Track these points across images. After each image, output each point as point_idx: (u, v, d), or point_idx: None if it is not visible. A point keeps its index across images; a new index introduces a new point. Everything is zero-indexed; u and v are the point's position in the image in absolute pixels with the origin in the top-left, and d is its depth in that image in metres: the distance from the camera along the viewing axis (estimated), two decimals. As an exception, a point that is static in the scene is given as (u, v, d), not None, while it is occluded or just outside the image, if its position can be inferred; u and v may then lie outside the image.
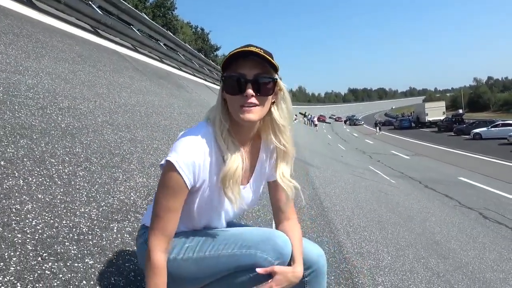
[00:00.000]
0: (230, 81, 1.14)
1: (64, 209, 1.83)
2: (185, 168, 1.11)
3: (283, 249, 1.17)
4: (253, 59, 1.11)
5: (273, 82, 1.16)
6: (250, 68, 1.12)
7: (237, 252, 1.16)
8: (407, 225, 5.72)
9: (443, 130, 41.00)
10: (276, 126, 1.24)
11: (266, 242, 1.16)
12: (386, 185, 10.03)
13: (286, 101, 1.24)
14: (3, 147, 2.12)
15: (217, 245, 1.20)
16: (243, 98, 1.12)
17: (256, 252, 1.15)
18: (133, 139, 3.61)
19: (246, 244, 1.17)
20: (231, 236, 1.22)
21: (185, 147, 1.13)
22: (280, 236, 1.20)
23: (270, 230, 1.23)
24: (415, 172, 13.91)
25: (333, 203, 5.69)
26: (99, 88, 4.77)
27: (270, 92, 1.16)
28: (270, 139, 1.27)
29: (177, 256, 1.22)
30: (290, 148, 1.28)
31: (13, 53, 3.88)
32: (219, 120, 1.18)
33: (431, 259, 4.32)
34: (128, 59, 8.57)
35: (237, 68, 1.13)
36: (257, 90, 1.13)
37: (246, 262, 1.15)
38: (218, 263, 1.19)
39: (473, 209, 8.39)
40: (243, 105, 1.12)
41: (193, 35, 38.30)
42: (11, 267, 1.31)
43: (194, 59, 17.54)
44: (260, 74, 1.13)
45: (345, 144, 28.16)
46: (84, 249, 1.61)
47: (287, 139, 1.26)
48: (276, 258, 1.16)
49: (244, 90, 1.12)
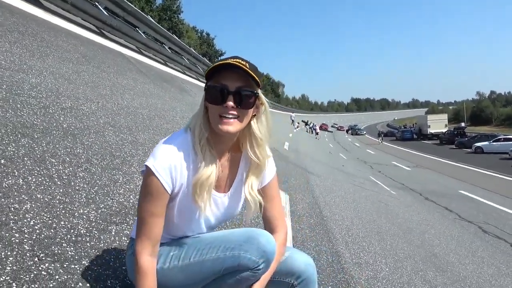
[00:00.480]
0: (212, 91, 1.16)
1: (62, 210, 1.82)
2: (162, 172, 1.14)
3: (266, 247, 1.17)
4: (237, 72, 1.14)
5: (254, 96, 1.19)
6: (233, 80, 1.15)
7: (221, 255, 1.17)
8: (406, 237, 5.69)
9: (444, 142, 41.00)
10: (254, 139, 1.26)
11: (249, 242, 1.17)
12: (387, 196, 9.99)
13: (267, 115, 1.28)
14: (4, 145, 2.12)
15: (201, 250, 1.21)
16: (224, 108, 1.14)
17: (240, 253, 1.15)
18: (134, 141, 3.61)
19: (229, 246, 1.18)
20: (215, 240, 1.23)
21: (162, 152, 1.16)
22: (264, 235, 1.20)
23: (253, 230, 1.23)
24: (415, 184, 13.87)
25: (332, 212, 5.66)
26: (102, 89, 4.78)
27: (250, 105, 1.19)
28: (248, 151, 1.29)
29: (164, 266, 1.24)
30: (263, 162, 1.30)
31: (18, 52, 3.89)
32: (199, 128, 1.20)
33: (429, 272, 4.29)
34: (132, 61, 8.61)
35: (221, 79, 1.15)
36: (238, 102, 1.15)
37: (231, 263, 1.16)
38: (204, 268, 1.20)
39: (473, 222, 8.35)
40: (223, 115, 1.15)
41: (198, 40, 38.51)
42: (8, 266, 1.30)
43: (199, 63, 17.62)
44: (243, 87, 1.15)
45: (346, 154, 28.12)
46: (81, 251, 1.60)
47: (263, 153, 1.29)
48: (260, 257, 1.16)
49: (225, 101, 1.14)
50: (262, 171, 1.33)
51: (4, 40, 3.90)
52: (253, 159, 1.28)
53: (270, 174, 1.39)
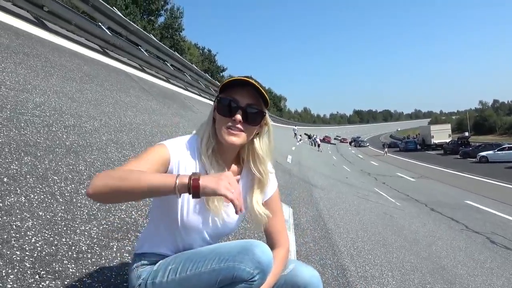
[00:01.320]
0: (223, 103, 1.23)
1: (64, 227, 1.82)
2: (175, 150, 1.21)
3: (261, 259, 1.16)
4: (249, 90, 1.21)
5: (262, 114, 1.26)
6: (244, 97, 1.22)
7: (216, 267, 1.17)
8: (412, 249, 5.62)
9: (449, 152, 40.79)
10: (256, 156, 1.32)
11: (243, 253, 1.16)
12: (391, 208, 9.91)
13: (269, 136, 1.35)
14: (7, 163, 2.14)
15: (197, 263, 1.21)
16: (231, 121, 1.21)
17: (234, 264, 1.15)
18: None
19: (224, 257, 1.17)
20: (210, 252, 1.23)
21: (178, 142, 1.26)
22: (259, 246, 1.19)
23: (249, 241, 1.23)
24: (420, 195, 13.76)
25: (337, 225, 5.62)
26: (105, 107, 4.83)
27: (257, 123, 1.26)
28: (250, 167, 1.34)
29: (162, 279, 1.24)
30: (266, 177, 1.35)
31: (23, 72, 3.96)
32: (207, 137, 1.27)
33: (437, 285, 4.22)
34: (135, 79, 8.71)
35: (233, 94, 1.22)
36: (245, 118, 1.22)
37: (226, 275, 1.15)
38: (200, 281, 1.20)
39: (480, 233, 8.25)
40: (229, 127, 1.21)
41: (200, 56, 38.97)
42: (8, 284, 1.30)
43: (200, 79, 17.79)
44: (252, 104, 1.23)
45: (350, 166, 28.02)
46: (82, 268, 1.59)
47: (265, 169, 1.34)
48: (255, 268, 1.15)
49: (234, 114, 1.21)
50: (265, 185, 1.37)
51: (9, 61, 3.97)
52: (256, 175, 1.33)
53: (272, 188, 1.43)
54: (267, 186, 1.39)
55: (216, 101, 1.26)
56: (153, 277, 1.26)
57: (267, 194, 1.41)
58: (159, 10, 29.36)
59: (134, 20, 21.18)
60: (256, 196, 1.35)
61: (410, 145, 52.38)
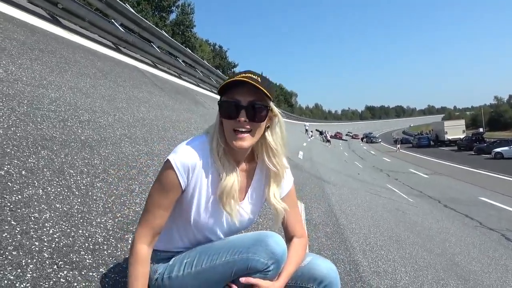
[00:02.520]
0: (225, 106, 1.21)
1: (80, 219, 1.86)
2: (181, 167, 1.19)
3: (275, 249, 1.17)
4: (249, 87, 1.17)
5: (266, 109, 1.22)
6: (245, 95, 1.19)
7: (230, 259, 1.18)
8: (426, 245, 5.56)
9: (463, 149, 40.11)
10: (270, 150, 1.30)
11: (257, 244, 1.17)
12: (404, 204, 9.82)
13: (281, 127, 1.32)
14: (25, 157, 2.18)
15: (212, 256, 1.23)
16: (237, 123, 1.19)
17: (248, 256, 1.16)
18: (150, 152, 3.66)
19: (238, 249, 1.19)
20: (225, 245, 1.25)
21: (184, 150, 1.23)
22: (272, 236, 1.20)
23: (262, 232, 1.24)
24: (434, 191, 13.60)
25: (349, 221, 5.59)
26: (119, 103, 4.88)
27: (263, 119, 1.23)
28: (265, 161, 1.33)
29: (178, 273, 1.26)
30: (281, 171, 1.34)
31: (38, 68, 4.02)
32: (216, 140, 1.25)
33: (451, 281, 4.18)
34: (147, 75, 8.77)
35: (233, 94, 1.20)
36: (250, 116, 1.19)
37: (241, 266, 1.17)
38: (215, 273, 1.22)
39: (495, 230, 8.12)
40: (236, 129, 1.19)
41: (211, 53, 39.04)
42: (28, 274, 1.33)
43: (212, 75, 17.83)
44: (255, 101, 1.19)
45: (362, 162, 27.82)
46: (99, 259, 1.62)
47: (280, 162, 1.33)
48: (269, 258, 1.16)
49: (238, 115, 1.18)
50: (281, 179, 1.37)
51: (25, 58, 4.04)
52: (271, 168, 1.32)
53: (288, 184, 1.43)
54: (283, 179, 1.38)
55: (218, 104, 1.25)
56: (169, 272, 1.28)
57: (284, 189, 1.41)
58: (170, 7, 29.45)
59: (146, 16, 21.30)
60: (273, 190, 1.35)
61: (423, 141, 51.68)
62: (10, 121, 2.54)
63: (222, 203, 1.25)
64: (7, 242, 1.43)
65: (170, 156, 1.21)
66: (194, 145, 1.24)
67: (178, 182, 1.20)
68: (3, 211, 1.60)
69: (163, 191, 1.20)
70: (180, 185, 1.20)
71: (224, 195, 1.23)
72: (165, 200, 1.21)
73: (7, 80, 3.22)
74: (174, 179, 1.19)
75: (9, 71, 3.43)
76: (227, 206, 1.24)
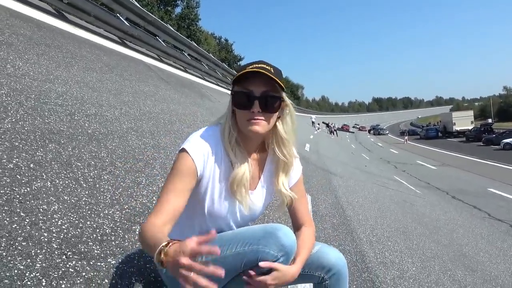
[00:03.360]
0: (239, 97, 1.22)
1: (88, 211, 1.88)
2: (196, 154, 1.20)
3: (285, 241, 1.17)
4: (262, 77, 1.18)
5: (279, 100, 1.24)
6: (258, 86, 1.20)
7: (240, 251, 1.19)
8: (433, 236, 5.55)
9: (471, 140, 39.74)
10: (280, 139, 1.32)
11: (267, 237, 1.17)
12: (412, 195, 9.78)
13: (291, 116, 1.33)
14: (33, 150, 2.21)
15: (222, 247, 1.22)
16: (250, 113, 1.20)
17: (258, 248, 1.16)
18: (156, 145, 3.69)
19: (248, 241, 1.19)
20: (234, 236, 1.25)
21: (197, 139, 1.24)
22: (282, 229, 1.20)
23: (272, 225, 1.24)
24: (442, 183, 13.50)
25: (356, 212, 5.59)
26: (125, 96, 4.90)
27: (276, 109, 1.24)
28: (275, 151, 1.34)
29: None
30: (291, 160, 1.35)
31: (45, 63, 4.05)
32: (228, 129, 1.26)
33: (458, 271, 4.17)
34: (153, 68, 8.79)
35: (246, 85, 1.20)
36: (263, 106, 1.20)
37: (251, 258, 1.17)
38: (225, 264, 1.20)
39: (504, 221, 8.05)
40: (250, 119, 1.20)
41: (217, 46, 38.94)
42: (37, 264, 1.36)
43: (218, 68, 17.81)
44: (268, 91, 1.20)
45: (369, 154, 27.70)
46: (107, 249, 1.65)
47: (289, 151, 1.34)
48: (279, 251, 1.16)
49: (251, 106, 1.19)
50: (290, 168, 1.38)
51: (32, 53, 4.07)
52: (281, 158, 1.33)
53: (296, 173, 1.44)
54: (292, 169, 1.39)
55: (231, 95, 1.26)
56: None
57: (293, 179, 1.42)
58: (175, 0, 29.39)
59: (151, 10, 21.29)
60: (281, 179, 1.36)
61: (431, 133, 51.26)
62: (18, 115, 2.57)
63: (232, 192, 1.26)
64: (16, 233, 1.46)
65: (185, 144, 1.21)
66: (207, 135, 1.26)
67: (194, 167, 1.19)
68: (12, 203, 1.63)
69: (179, 175, 1.18)
70: (196, 171, 1.20)
71: (235, 184, 1.24)
72: (180, 184, 1.17)
73: (15, 75, 3.25)
74: (191, 165, 1.19)
75: (16, 66, 3.46)
76: (237, 195, 1.26)
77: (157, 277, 1.63)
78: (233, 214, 1.33)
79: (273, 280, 1.17)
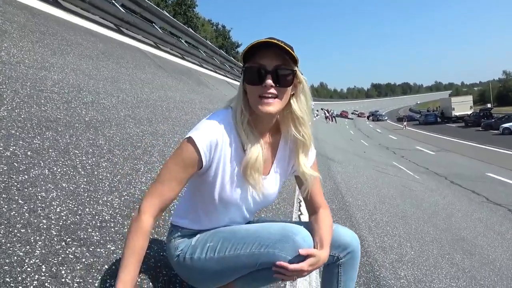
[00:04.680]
0: (250, 72, 1.17)
1: (87, 198, 1.88)
2: (203, 144, 1.16)
3: (302, 246, 1.15)
4: (274, 51, 1.13)
5: (292, 74, 1.18)
6: (270, 59, 1.14)
7: (255, 252, 1.16)
8: (431, 221, 5.59)
9: (470, 125, 39.75)
10: (296, 119, 1.26)
11: (284, 241, 1.15)
12: (410, 181, 9.83)
13: (305, 94, 1.26)
14: (30, 138, 2.19)
15: (236, 245, 1.21)
16: (262, 88, 1.14)
17: (275, 252, 1.14)
18: (154, 132, 3.67)
19: (264, 243, 1.16)
20: (250, 235, 1.22)
21: (205, 127, 1.19)
22: (299, 233, 1.17)
23: (289, 227, 1.21)
24: (440, 168, 13.56)
25: (354, 198, 5.62)
26: (122, 84, 4.87)
27: (289, 83, 1.18)
28: (290, 131, 1.28)
29: (201, 256, 1.25)
30: (309, 139, 1.30)
31: (40, 51, 4.00)
32: (240, 111, 1.21)
33: (456, 255, 4.22)
34: (150, 56, 8.71)
35: (258, 59, 1.15)
36: (276, 81, 1.15)
37: (266, 260, 1.15)
38: (238, 263, 1.20)
39: (502, 205, 8.12)
40: (262, 95, 1.15)
41: (214, 32, 38.55)
42: (37, 250, 1.36)
43: (215, 55, 17.65)
44: (280, 65, 1.15)
45: (368, 140, 27.73)
46: (106, 236, 1.65)
47: (306, 131, 1.28)
48: (295, 257, 1.14)
49: (263, 80, 1.14)
50: (309, 148, 1.33)
51: (27, 40, 4.02)
52: (298, 137, 1.28)
53: (313, 154, 1.39)
54: (311, 148, 1.35)
55: (242, 71, 1.20)
56: (191, 252, 1.27)
57: (310, 160, 1.36)
58: (171, -14, 28.97)
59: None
60: (302, 160, 1.31)
61: (430, 118, 51.20)
62: (14, 103, 2.55)
63: (246, 176, 1.22)
64: (15, 220, 1.46)
65: (192, 133, 1.17)
66: (218, 120, 1.21)
67: (199, 159, 1.17)
68: (10, 190, 1.62)
69: (181, 165, 1.17)
70: (200, 162, 1.17)
71: (249, 168, 1.20)
72: (181, 174, 1.17)
73: (9, 62, 3.21)
74: (195, 156, 1.16)
75: (11, 54, 3.42)
76: (251, 178, 1.22)
77: (157, 262, 1.64)
78: (245, 200, 1.30)
79: (310, 267, 1.16)
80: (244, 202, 1.30)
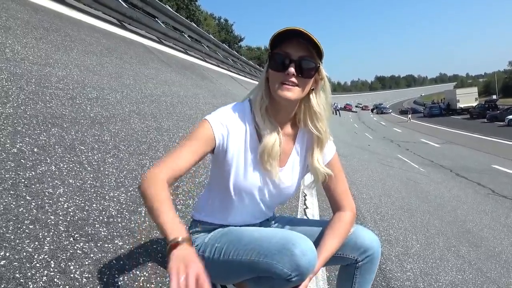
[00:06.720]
0: (276, 58, 1.18)
1: (94, 193, 1.89)
2: (217, 125, 1.19)
3: (300, 261, 1.11)
4: (302, 42, 1.15)
5: (315, 66, 1.19)
6: (296, 49, 1.16)
7: (255, 260, 1.15)
8: (437, 213, 5.58)
9: (475, 117, 39.41)
10: (314, 113, 1.26)
11: (283, 253, 1.11)
12: (415, 174, 9.79)
13: (325, 91, 1.28)
14: (36, 135, 2.21)
15: (239, 250, 1.20)
16: (285, 76, 1.16)
17: (272, 263, 1.12)
18: (159, 128, 3.67)
19: (263, 252, 1.14)
20: (252, 242, 1.20)
21: (220, 112, 1.24)
22: (299, 245, 1.13)
23: (290, 237, 1.16)
24: (446, 160, 13.49)
25: (360, 191, 5.62)
26: (126, 79, 4.87)
27: (311, 75, 1.19)
28: (307, 126, 1.29)
29: (210, 256, 1.26)
30: (325, 136, 1.30)
31: (44, 47, 4.01)
32: (260, 97, 1.23)
33: (462, 247, 4.21)
34: (153, 51, 8.70)
35: (284, 47, 1.17)
36: (299, 71, 1.16)
37: (265, 270, 1.14)
38: (241, 268, 1.20)
39: (508, 197, 8.06)
40: (284, 82, 1.16)
41: (217, 27, 38.37)
42: (45, 246, 1.37)
43: (218, 50, 17.59)
44: (305, 56, 1.17)
45: (372, 133, 27.63)
46: (113, 231, 1.66)
47: (324, 126, 1.28)
48: (293, 270, 1.11)
49: (286, 68, 1.16)
50: (324, 143, 1.32)
51: (30, 37, 4.02)
52: (314, 132, 1.28)
53: (331, 151, 1.37)
54: (326, 144, 1.33)
55: (268, 57, 1.21)
56: (203, 250, 1.28)
57: (326, 157, 1.35)
58: (173, -20, 28.80)
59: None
60: (316, 155, 1.30)
61: (434, 110, 50.85)
62: (19, 100, 2.55)
63: (263, 162, 1.22)
64: (23, 216, 1.47)
65: (208, 116, 1.21)
66: (234, 108, 1.25)
67: (213, 135, 1.18)
68: (18, 187, 1.63)
69: (195, 137, 1.17)
70: (213, 139, 1.18)
71: (266, 154, 1.21)
72: (194, 147, 1.15)
73: (14, 59, 3.22)
74: (209, 132, 1.18)
75: (15, 50, 3.42)
76: (268, 165, 1.22)
77: (164, 257, 1.65)
78: (261, 191, 1.28)
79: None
80: (259, 193, 1.29)
